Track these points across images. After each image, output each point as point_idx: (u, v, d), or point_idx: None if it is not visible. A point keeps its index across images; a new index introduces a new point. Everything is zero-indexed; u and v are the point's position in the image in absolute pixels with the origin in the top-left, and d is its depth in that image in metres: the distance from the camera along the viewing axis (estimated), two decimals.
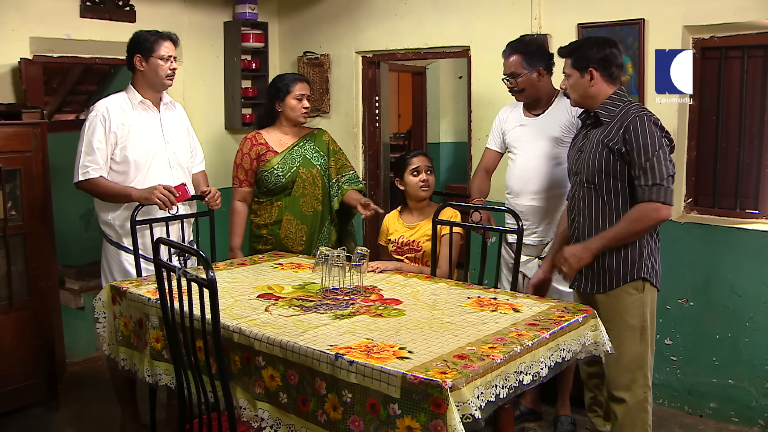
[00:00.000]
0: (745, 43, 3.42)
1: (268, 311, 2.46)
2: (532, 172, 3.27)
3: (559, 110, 3.25)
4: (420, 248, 3.30)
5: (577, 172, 2.84)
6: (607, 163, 2.68)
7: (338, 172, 3.71)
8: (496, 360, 1.98)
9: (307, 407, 2.07)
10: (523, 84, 3.21)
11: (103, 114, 3.25)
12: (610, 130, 2.69)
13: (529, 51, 3.20)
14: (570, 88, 2.81)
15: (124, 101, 3.33)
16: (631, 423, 2.77)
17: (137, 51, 3.31)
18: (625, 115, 2.68)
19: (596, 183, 2.73)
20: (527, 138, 3.30)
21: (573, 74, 2.78)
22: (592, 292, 2.80)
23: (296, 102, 3.59)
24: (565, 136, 3.21)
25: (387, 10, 4.57)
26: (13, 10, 3.87)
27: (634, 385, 2.76)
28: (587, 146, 2.78)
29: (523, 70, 3.19)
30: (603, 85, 2.74)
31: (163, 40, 3.31)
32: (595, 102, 2.77)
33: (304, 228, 3.61)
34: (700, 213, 3.65)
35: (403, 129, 8.27)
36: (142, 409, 3.35)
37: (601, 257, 2.75)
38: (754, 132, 3.50)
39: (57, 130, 5.74)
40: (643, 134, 2.60)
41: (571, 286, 2.96)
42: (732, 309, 3.47)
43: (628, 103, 2.74)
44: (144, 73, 3.32)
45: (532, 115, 3.33)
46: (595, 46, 2.75)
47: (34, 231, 3.58)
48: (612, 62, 2.74)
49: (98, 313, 2.85)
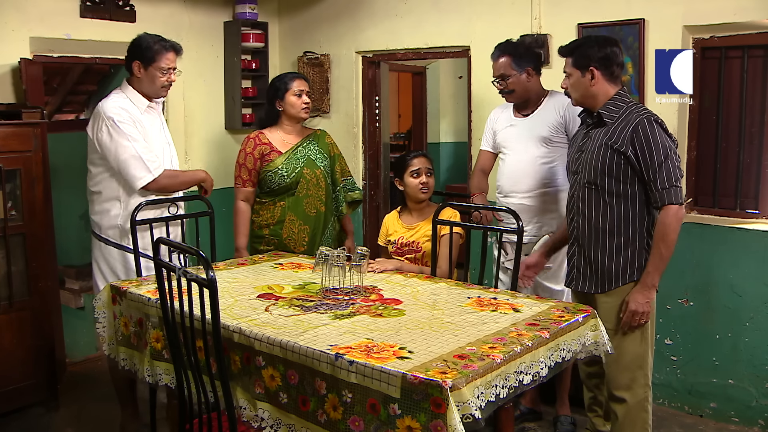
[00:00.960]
0: (745, 43, 3.42)
1: (268, 311, 2.46)
2: (521, 172, 3.33)
3: (548, 110, 3.30)
4: (420, 249, 3.30)
5: (576, 172, 2.84)
6: (610, 164, 2.68)
7: (342, 175, 3.75)
8: (496, 360, 1.98)
9: (307, 407, 2.07)
10: (513, 85, 3.27)
11: (128, 115, 3.23)
12: (614, 131, 2.68)
13: (518, 52, 3.26)
14: (571, 88, 2.80)
15: (130, 103, 3.29)
16: (631, 422, 2.77)
17: (137, 57, 3.27)
18: (628, 117, 2.67)
19: (598, 183, 2.72)
20: (516, 138, 3.36)
21: (574, 73, 2.77)
22: (591, 292, 2.80)
23: (296, 98, 3.59)
24: (553, 135, 3.26)
25: (387, 10, 4.57)
26: (13, 10, 3.87)
27: (635, 385, 2.76)
28: (589, 146, 2.78)
29: (512, 72, 3.25)
30: (604, 85, 2.74)
31: (166, 51, 3.27)
32: (597, 101, 2.76)
33: (306, 229, 3.61)
34: (700, 213, 3.65)
35: (403, 129, 8.27)
36: (141, 409, 3.35)
37: (600, 258, 2.75)
38: (754, 132, 3.50)
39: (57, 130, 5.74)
40: (654, 138, 2.60)
41: (567, 285, 2.97)
42: (732, 309, 3.46)
43: (631, 104, 2.74)
44: (140, 80, 3.30)
45: (522, 115, 3.38)
46: (596, 45, 2.75)
47: (34, 231, 3.58)
48: (613, 61, 2.73)
49: (98, 313, 2.85)
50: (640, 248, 2.72)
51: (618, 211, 2.71)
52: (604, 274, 2.76)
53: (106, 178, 3.30)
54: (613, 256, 2.73)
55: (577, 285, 2.86)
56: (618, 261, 2.73)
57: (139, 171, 3.19)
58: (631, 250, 2.72)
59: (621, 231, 2.72)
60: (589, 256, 2.79)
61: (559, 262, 3.28)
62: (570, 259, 2.92)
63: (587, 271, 2.81)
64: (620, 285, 2.74)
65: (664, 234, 2.63)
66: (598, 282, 2.78)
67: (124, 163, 3.18)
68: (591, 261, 2.79)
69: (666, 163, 2.60)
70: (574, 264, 2.89)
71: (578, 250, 2.85)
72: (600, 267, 2.76)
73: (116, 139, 3.18)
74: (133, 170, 3.19)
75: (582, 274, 2.83)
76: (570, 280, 2.91)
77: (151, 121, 3.34)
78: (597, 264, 2.77)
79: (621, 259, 2.73)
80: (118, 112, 3.21)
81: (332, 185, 3.72)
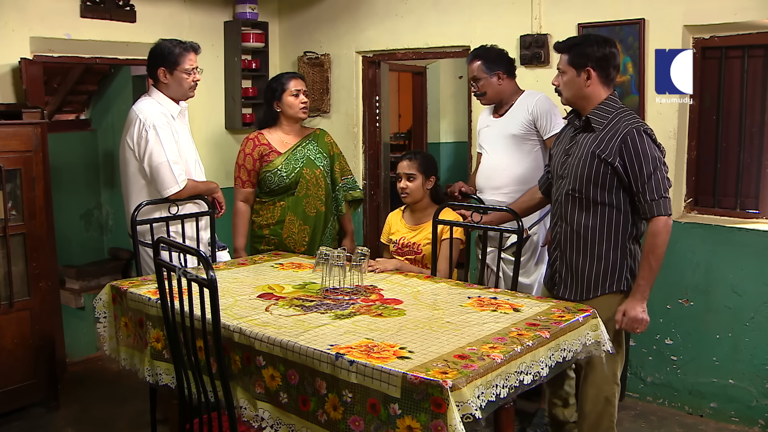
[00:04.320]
0: (745, 42, 3.42)
1: (269, 311, 2.46)
2: (493, 169, 3.46)
3: (518, 109, 3.41)
4: (420, 251, 3.30)
5: (562, 176, 2.77)
6: (596, 174, 2.62)
7: (342, 174, 3.75)
8: (496, 360, 1.98)
9: (308, 407, 2.07)
10: (483, 87, 3.42)
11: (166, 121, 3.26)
12: (602, 139, 2.62)
13: (489, 57, 3.41)
14: (563, 86, 2.72)
15: (164, 109, 3.32)
16: (598, 416, 2.77)
17: (161, 63, 3.32)
18: (617, 125, 2.61)
19: (582, 192, 2.67)
20: (491, 137, 3.50)
21: (569, 71, 2.69)
22: (571, 299, 2.74)
23: (293, 98, 3.59)
24: (524, 133, 3.38)
25: (387, 10, 4.57)
26: (13, 10, 3.87)
27: (602, 381, 2.75)
28: (575, 151, 2.71)
29: (483, 75, 3.40)
30: (598, 87, 2.67)
31: (187, 52, 3.33)
32: (588, 103, 2.69)
33: (306, 228, 3.61)
34: (700, 213, 3.65)
35: (404, 129, 8.27)
36: (141, 409, 3.35)
37: (581, 266, 2.72)
38: (754, 132, 3.50)
39: (57, 130, 5.75)
40: (643, 150, 2.55)
41: (549, 290, 2.92)
42: (732, 309, 3.46)
43: (621, 110, 2.66)
44: (168, 85, 3.35)
45: (498, 116, 3.51)
46: (595, 44, 2.66)
47: (34, 231, 3.58)
48: (610, 63, 2.66)
49: (99, 312, 2.85)
50: (621, 258, 2.68)
51: (601, 219, 2.66)
52: (584, 281, 2.72)
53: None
54: (594, 264, 2.70)
55: (558, 291, 2.82)
56: (599, 269, 2.69)
57: (168, 180, 3.23)
58: (613, 259, 2.68)
59: (603, 239, 2.67)
60: (571, 262, 2.75)
61: (528, 257, 3.39)
62: (552, 265, 2.89)
63: (568, 277, 2.77)
64: (599, 294, 2.70)
65: (654, 246, 2.59)
66: (578, 289, 2.74)
67: (155, 169, 3.23)
68: (572, 268, 2.75)
69: (655, 175, 2.56)
70: (556, 269, 2.85)
71: (560, 255, 2.81)
72: (581, 274, 2.72)
73: (152, 142, 3.22)
74: (163, 178, 3.23)
75: (563, 280, 2.80)
76: (552, 285, 2.88)
77: (181, 128, 3.40)
78: (578, 271, 2.73)
79: (602, 267, 2.69)
80: (158, 117, 3.26)
81: (332, 185, 3.72)
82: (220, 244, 3.57)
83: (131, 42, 4.34)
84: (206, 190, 3.46)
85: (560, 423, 3.17)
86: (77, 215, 6.23)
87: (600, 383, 2.75)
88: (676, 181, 3.60)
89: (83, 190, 6.23)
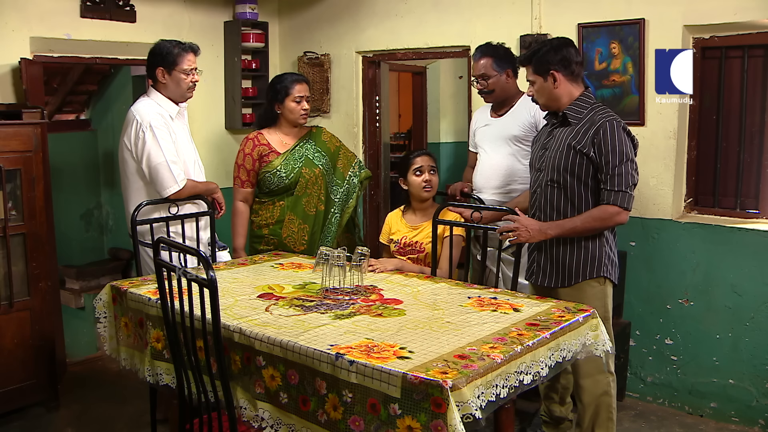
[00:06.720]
0: (745, 42, 3.42)
1: (269, 311, 2.46)
2: (493, 169, 3.46)
3: (520, 110, 3.42)
4: (422, 249, 3.30)
5: (540, 169, 2.90)
6: (573, 164, 2.75)
7: (350, 164, 3.74)
8: (496, 360, 1.98)
9: (308, 407, 2.07)
10: (492, 85, 3.40)
11: (164, 121, 3.27)
12: (577, 132, 2.75)
13: (498, 54, 3.40)
14: (536, 94, 2.87)
15: (162, 110, 3.33)
16: (596, 408, 2.85)
17: (160, 63, 3.33)
18: (593, 118, 2.74)
19: (560, 182, 2.79)
20: (490, 137, 3.50)
21: (536, 80, 2.84)
22: (551, 286, 2.87)
23: (295, 104, 3.59)
24: (524, 135, 3.38)
25: (387, 10, 4.57)
26: (13, 10, 3.87)
27: (597, 372, 2.83)
28: (552, 144, 2.84)
29: (493, 72, 3.38)
30: (567, 86, 2.80)
31: (186, 53, 3.34)
32: (561, 103, 2.83)
33: (306, 228, 3.61)
34: (700, 213, 3.65)
35: (404, 129, 8.27)
36: (142, 409, 3.35)
37: (562, 255, 2.82)
38: (754, 132, 3.50)
39: (57, 130, 5.75)
40: (613, 141, 2.67)
41: (527, 279, 3.03)
42: (732, 309, 3.47)
43: (596, 106, 2.80)
44: (166, 85, 3.35)
45: (497, 115, 3.51)
46: (551, 49, 2.81)
47: (34, 231, 3.58)
48: (572, 61, 2.80)
49: (99, 313, 2.85)
50: (600, 245, 2.79)
51: (579, 209, 2.77)
52: (563, 269, 2.83)
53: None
54: (574, 253, 2.81)
55: (537, 279, 2.93)
56: (579, 257, 2.80)
57: (167, 180, 3.24)
58: (591, 246, 2.79)
59: None
60: (550, 251, 2.86)
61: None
62: (531, 254, 2.99)
63: (548, 266, 2.88)
64: (580, 281, 2.82)
65: (597, 218, 2.69)
66: (557, 277, 2.85)
67: (154, 169, 3.23)
68: (552, 257, 2.86)
69: (620, 168, 2.66)
70: (534, 259, 2.96)
71: (538, 245, 2.91)
72: (561, 263, 2.83)
73: (150, 143, 3.22)
74: (162, 178, 3.23)
75: (542, 269, 2.90)
76: (530, 274, 2.98)
77: (179, 128, 3.40)
78: (557, 259, 2.84)
79: (582, 255, 2.80)
80: (155, 117, 3.27)
81: (341, 176, 3.71)
82: (221, 244, 3.57)
83: (131, 42, 4.34)
84: (206, 190, 3.47)
85: (557, 419, 3.20)
86: (77, 215, 6.23)
87: (594, 374, 2.84)
88: (676, 181, 3.60)
89: (83, 190, 6.24)
